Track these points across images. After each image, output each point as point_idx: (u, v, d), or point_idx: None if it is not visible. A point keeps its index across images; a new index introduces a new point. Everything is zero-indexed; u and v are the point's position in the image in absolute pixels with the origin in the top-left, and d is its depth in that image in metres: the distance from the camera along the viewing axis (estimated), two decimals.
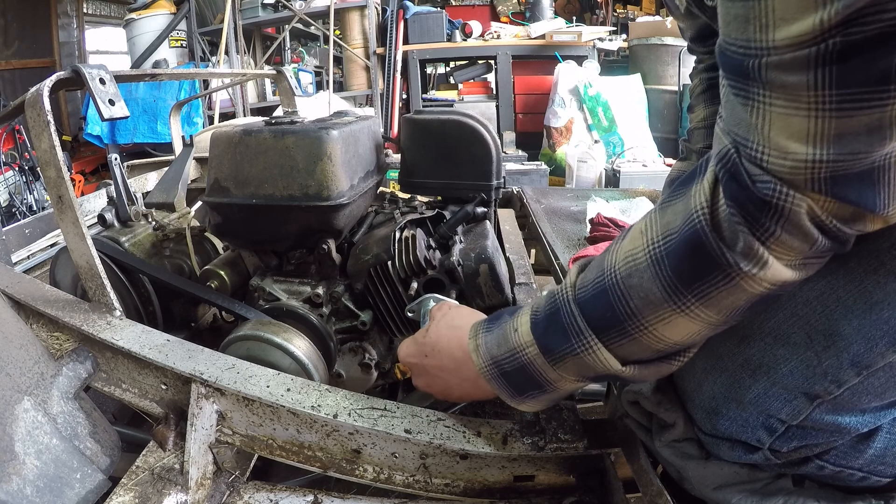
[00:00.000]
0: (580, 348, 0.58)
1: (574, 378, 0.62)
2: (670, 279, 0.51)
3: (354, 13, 4.65)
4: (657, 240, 0.52)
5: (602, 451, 0.76)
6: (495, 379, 0.66)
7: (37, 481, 0.70)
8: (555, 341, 0.60)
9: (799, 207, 0.44)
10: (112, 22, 6.42)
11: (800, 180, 0.43)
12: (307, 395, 0.80)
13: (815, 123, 0.41)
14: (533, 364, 0.62)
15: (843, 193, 0.43)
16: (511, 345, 0.64)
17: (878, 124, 0.40)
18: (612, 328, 0.56)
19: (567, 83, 4.04)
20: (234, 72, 2.81)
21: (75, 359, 0.88)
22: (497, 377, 0.66)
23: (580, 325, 0.58)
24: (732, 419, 0.61)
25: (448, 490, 0.79)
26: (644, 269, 0.53)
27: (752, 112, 0.44)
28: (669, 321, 0.53)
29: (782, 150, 0.43)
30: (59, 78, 0.92)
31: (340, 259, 1.08)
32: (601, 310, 0.56)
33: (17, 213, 4.12)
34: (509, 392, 0.67)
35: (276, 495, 0.78)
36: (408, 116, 1.25)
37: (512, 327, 0.65)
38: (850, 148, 0.41)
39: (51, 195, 0.93)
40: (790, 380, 0.56)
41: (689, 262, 0.50)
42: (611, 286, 0.55)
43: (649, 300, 0.53)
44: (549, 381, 0.63)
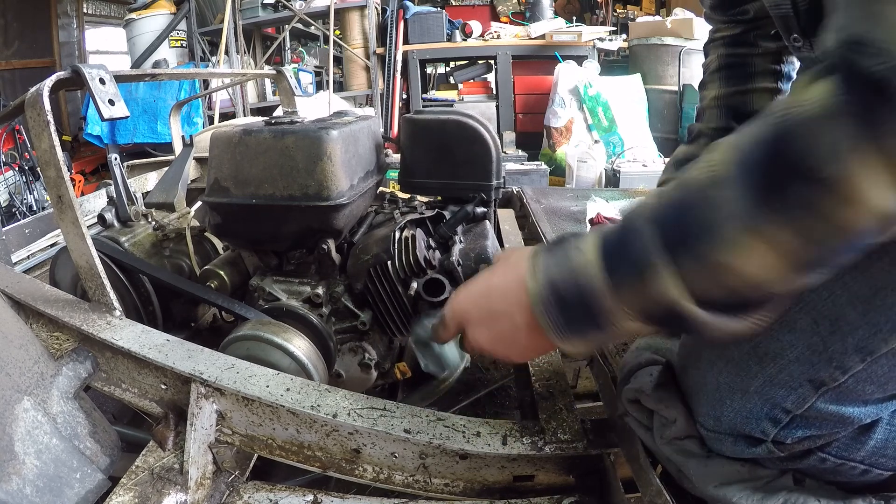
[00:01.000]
0: (648, 269, 0.50)
1: (634, 314, 0.53)
2: (752, 189, 0.44)
3: (354, 13, 4.64)
4: (745, 145, 0.46)
5: (601, 451, 0.77)
6: (547, 305, 0.57)
7: (36, 481, 0.70)
8: (620, 259, 0.52)
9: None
10: (112, 22, 6.42)
11: None
12: (307, 394, 0.80)
13: None
14: (592, 286, 0.54)
15: None
16: (572, 263, 0.55)
17: None
18: (685, 245, 0.49)
19: (567, 83, 4.04)
20: (234, 72, 2.81)
21: (75, 359, 0.88)
22: (549, 304, 0.57)
23: (652, 241, 0.50)
24: (737, 410, 0.60)
25: (447, 490, 0.79)
26: (728, 178, 0.46)
27: None
28: (746, 245, 0.46)
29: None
30: (59, 78, 0.92)
31: (340, 259, 1.08)
32: (675, 223, 0.50)
33: (17, 213, 4.12)
34: (558, 322, 0.57)
35: (275, 495, 0.78)
36: (408, 116, 1.25)
37: (575, 246, 0.57)
38: None
39: (51, 195, 0.93)
40: (796, 366, 0.56)
41: (774, 168, 0.44)
42: (689, 196, 0.49)
43: (728, 212, 0.46)
44: (605, 312, 0.54)
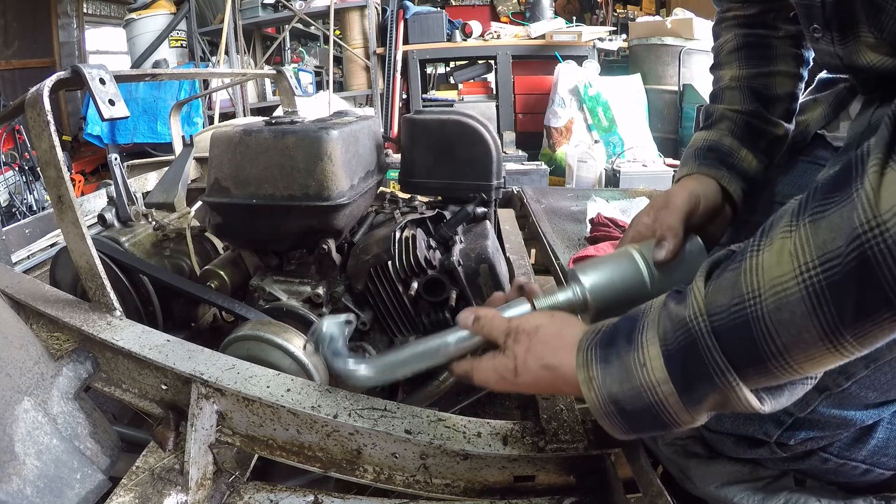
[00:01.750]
0: (724, 387, 0.49)
1: (706, 417, 0.53)
2: (830, 318, 0.43)
3: (354, 13, 4.64)
4: (813, 266, 0.43)
5: (602, 451, 0.76)
6: (610, 417, 0.56)
7: (37, 481, 0.70)
8: (695, 379, 0.50)
9: None
10: (112, 22, 6.42)
11: None
12: (307, 395, 0.80)
13: None
14: (663, 404, 0.52)
15: None
16: (637, 382, 0.53)
17: None
18: (752, 366, 0.48)
19: (567, 83, 4.04)
20: (234, 72, 2.81)
21: (75, 359, 0.88)
22: (612, 415, 0.55)
23: (721, 362, 0.49)
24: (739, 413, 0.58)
25: (448, 490, 0.78)
26: (797, 302, 0.44)
27: None
28: (818, 359, 0.46)
29: None
30: (59, 78, 0.92)
31: (340, 259, 1.08)
32: (741, 344, 0.48)
33: (17, 213, 4.12)
34: (622, 429, 0.57)
35: (276, 495, 0.78)
36: (408, 116, 1.25)
37: (638, 360, 0.53)
38: None
39: (51, 195, 0.93)
40: None
41: (855, 297, 0.41)
42: (755, 319, 0.46)
43: (801, 339, 0.45)
44: (677, 423, 0.53)
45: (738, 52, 0.88)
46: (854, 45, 0.62)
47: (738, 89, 0.86)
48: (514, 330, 0.64)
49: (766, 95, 0.84)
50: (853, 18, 0.60)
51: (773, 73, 0.84)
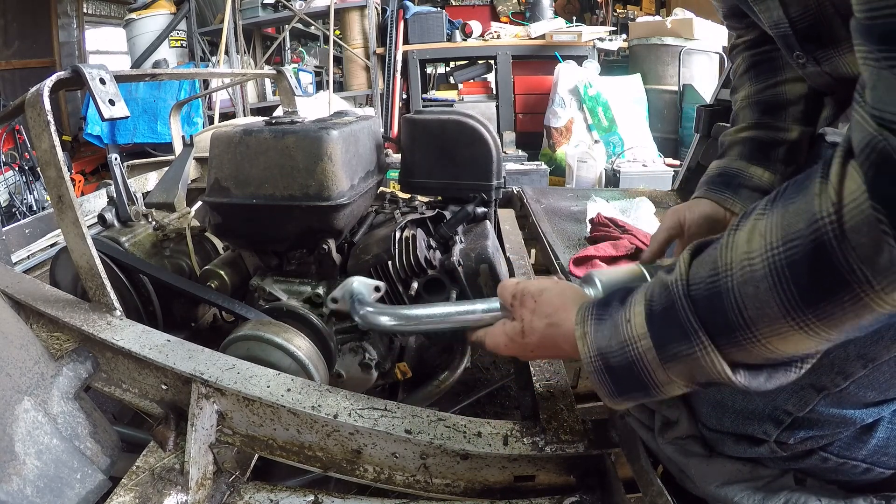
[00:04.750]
0: (696, 348, 0.52)
1: (683, 383, 0.56)
2: (790, 295, 0.46)
3: (354, 13, 4.64)
4: (777, 245, 0.46)
5: (602, 451, 0.77)
6: (598, 373, 0.60)
7: (37, 481, 0.70)
8: (670, 337, 0.54)
9: None
10: (112, 22, 6.42)
11: None
12: (307, 395, 0.80)
13: None
14: (643, 360, 0.56)
15: None
16: (622, 336, 0.57)
17: None
18: (723, 335, 0.51)
19: (567, 83, 4.04)
20: (234, 72, 2.81)
21: (75, 359, 0.88)
22: (600, 371, 0.59)
23: (694, 323, 0.52)
24: (739, 411, 0.61)
25: (448, 490, 0.78)
26: (760, 278, 0.47)
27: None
28: (785, 336, 0.48)
29: None
30: (59, 78, 0.92)
31: (341, 259, 1.08)
32: (713, 313, 0.51)
33: (17, 213, 4.12)
34: (609, 390, 0.60)
35: (276, 495, 0.78)
36: (408, 116, 1.25)
37: (624, 317, 0.58)
38: None
39: (51, 195, 0.93)
40: None
41: (812, 277, 0.44)
42: (725, 290, 0.50)
43: (765, 313, 0.48)
44: (656, 384, 0.57)
45: (748, 72, 0.93)
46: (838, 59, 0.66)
47: (749, 107, 0.92)
48: (520, 292, 0.69)
49: (776, 104, 0.88)
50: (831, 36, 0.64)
51: (781, 81, 0.88)
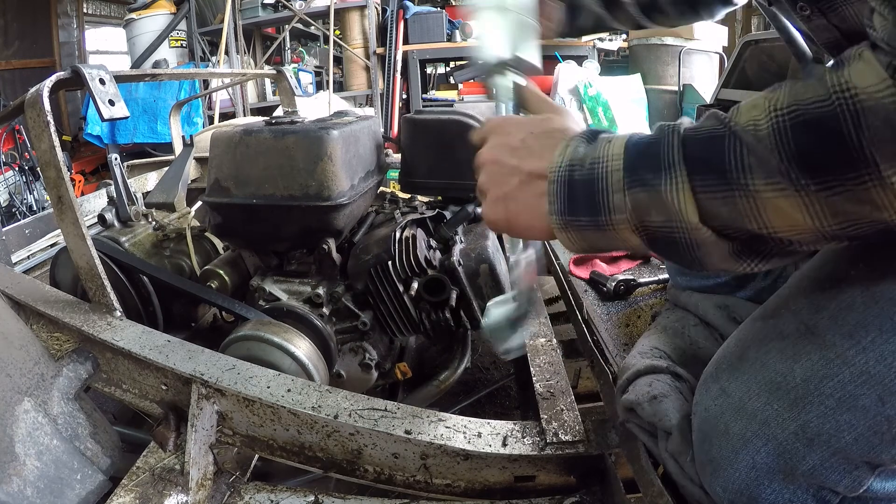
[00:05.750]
0: (663, 183, 0.49)
1: (636, 221, 0.51)
2: (792, 155, 0.43)
3: (354, 13, 4.64)
4: (782, 108, 0.44)
5: (603, 451, 0.76)
6: (558, 184, 0.55)
7: (37, 482, 0.70)
8: (643, 164, 0.51)
9: None
10: (112, 22, 6.42)
11: None
12: (308, 395, 0.80)
13: None
14: (606, 179, 0.52)
15: None
16: (598, 153, 0.54)
17: None
18: (713, 173, 0.47)
19: (567, 83, 4.04)
20: (234, 72, 2.81)
21: (75, 359, 0.88)
22: (562, 182, 0.55)
23: (675, 157, 0.49)
24: (777, 492, 0.54)
25: (449, 490, 0.78)
26: (764, 136, 0.44)
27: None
28: (779, 197, 0.44)
29: None
30: (59, 78, 0.92)
31: (341, 259, 1.08)
32: (708, 152, 0.48)
33: (17, 213, 4.12)
34: (559, 206, 0.55)
35: (276, 496, 0.78)
36: (408, 116, 1.25)
37: (607, 139, 0.55)
38: None
39: (51, 195, 0.93)
40: (853, 449, 0.49)
41: (816, 145, 0.42)
42: (730, 135, 0.46)
43: (767, 165, 0.44)
44: (608, 208, 0.52)
45: None
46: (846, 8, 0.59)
47: None
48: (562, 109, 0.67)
49: None
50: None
51: None
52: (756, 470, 0.54)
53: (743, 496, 0.55)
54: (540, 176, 0.57)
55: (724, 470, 0.56)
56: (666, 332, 0.88)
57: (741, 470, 0.55)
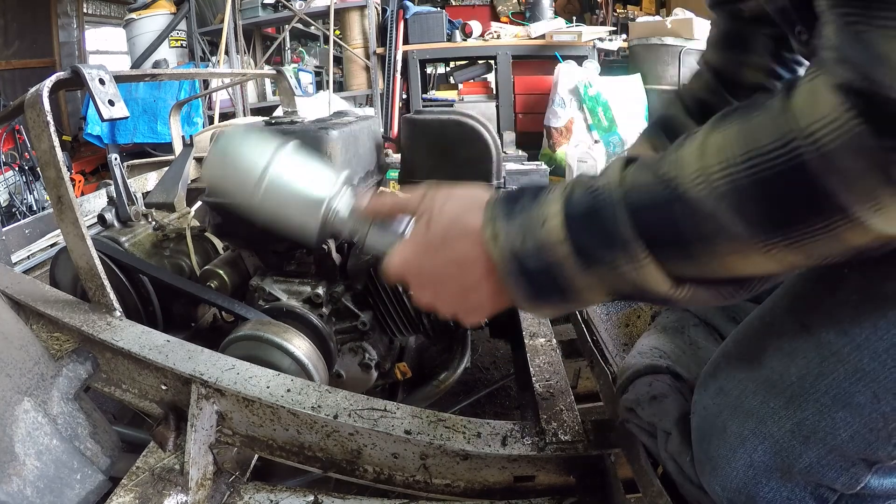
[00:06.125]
0: (623, 260, 0.47)
1: (604, 292, 0.51)
2: (756, 217, 0.42)
3: (354, 13, 4.64)
4: (739, 161, 0.41)
5: (602, 451, 0.76)
6: (513, 276, 0.53)
7: (37, 482, 0.70)
8: (593, 245, 0.49)
9: None
10: (112, 22, 6.42)
11: None
12: (307, 395, 0.80)
13: None
14: (561, 266, 0.50)
15: None
16: (537, 239, 0.51)
17: None
18: (673, 245, 0.46)
19: (567, 83, 4.04)
20: (234, 72, 2.81)
21: (75, 359, 0.88)
22: (516, 274, 0.53)
23: (628, 232, 0.46)
24: (775, 491, 0.53)
25: (448, 490, 0.78)
26: (722, 195, 0.42)
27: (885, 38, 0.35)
28: (747, 256, 0.44)
29: None
30: (58, 78, 0.92)
31: (340, 259, 1.08)
32: (660, 221, 0.46)
33: (17, 213, 4.11)
34: (526, 293, 0.54)
35: (276, 496, 0.78)
36: (408, 116, 1.25)
37: (539, 218, 0.51)
38: None
39: (51, 195, 0.93)
40: (850, 446, 0.49)
41: (783, 200, 0.41)
42: (677, 199, 0.44)
43: (727, 231, 0.43)
44: (574, 290, 0.51)
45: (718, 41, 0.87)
46: None
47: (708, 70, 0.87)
48: (433, 188, 0.62)
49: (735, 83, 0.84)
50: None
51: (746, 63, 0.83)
52: (753, 468, 0.54)
53: (741, 495, 0.55)
54: (484, 276, 0.55)
55: (722, 468, 0.56)
56: (666, 332, 0.88)
57: (739, 468, 0.54)
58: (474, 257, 0.55)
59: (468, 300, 0.58)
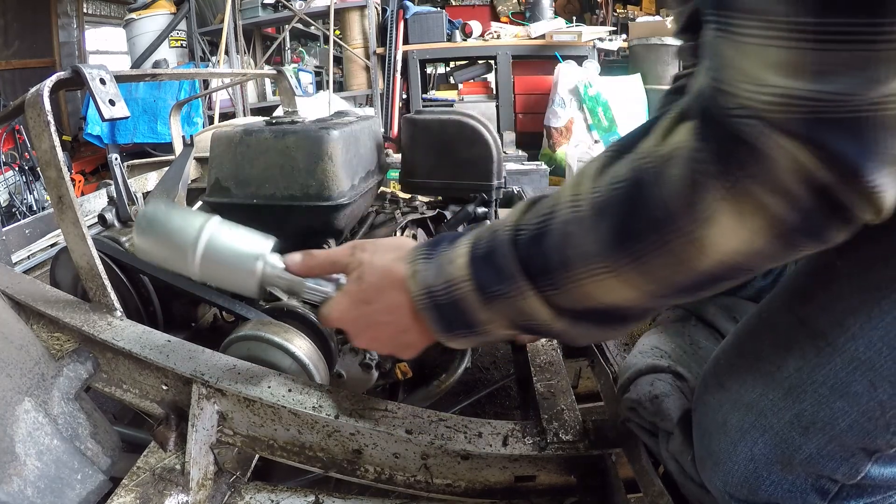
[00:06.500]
0: (512, 292, 0.53)
1: (506, 324, 0.57)
2: (605, 232, 0.46)
3: (354, 13, 4.64)
4: (605, 184, 0.47)
5: (603, 451, 0.76)
6: (428, 310, 0.60)
7: (38, 482, 0.70)
8: (489, 281, 0.55)
9: (775, 149, 0.38)
10: (112, 22, 6.42)
11: (776, 117, 0.38)
12: (308, 395, 0.80)
13: (794, 55, 0.36)
14: (465, 301, 0.56)
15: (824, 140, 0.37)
16: (446, 276, 0.57)
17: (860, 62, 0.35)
18: (544, 274, 0.51)
19: (567, 83, 4.04)
20: (234, 72, 2.81)
21: (76, 359, 0.87)
22: (429, 308, 0.59)
23: (513, 268, 0.53)
24: (776, 483, 0.54)
25: (449, 490, 0.78)
26: (584, 216, 0.48)
27: (728, 43, 0.39)
28: (600, 281, 0.48)
29: (756, 79, 0.38)
30: (59, 78, 0.92)
31: None
32: (535, 254, 0.52)
33: (17, 213, 4.11)
34: (441, 326, 0.60)
35: (277, 496, 0.78)
36: (408, 116, 1.25)
37: (448, 258, 0.58)
38: (834, 87, 0.36)
39: (51, 195, 0.93)
40: (848, 435, 0.50)
41: (626, 214, 0.45)
42: (550, 230, 0.51)
43: (582, 252, 0.48)
44: (479, 322, 0.57)
45: None
46: None
47: None
48: (358, 243, 0.67)
49: None
50: None
51: None
52: (755, 461, 0.54)
53: (743, 488, 0.55)
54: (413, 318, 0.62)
55: (723, 463, 0.56)
56: (666, 331, 0.88)
57: (740, 462, 0.55)
58: (402, 303, 0.61)
59: (401, 340, 0.65)
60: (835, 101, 0.36)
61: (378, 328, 0.65)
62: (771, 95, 0.37)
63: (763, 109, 0.38)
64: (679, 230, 0.42)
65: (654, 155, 0.44)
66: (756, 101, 0.38)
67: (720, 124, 0.40)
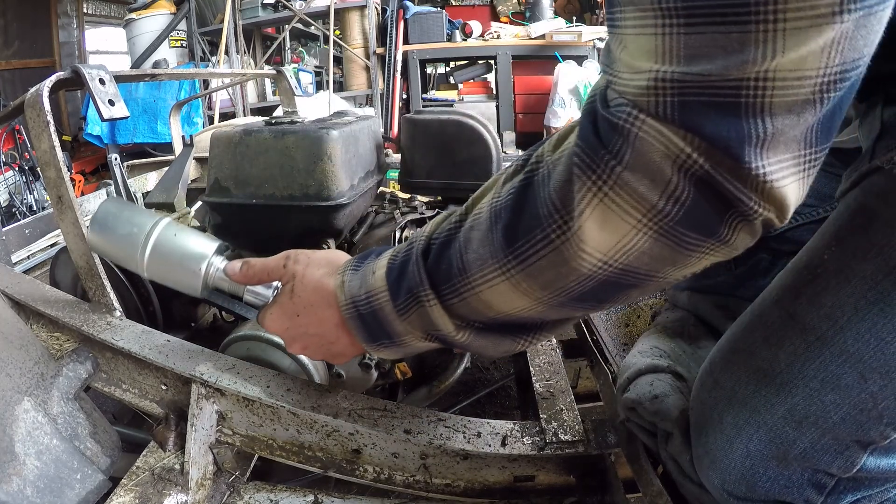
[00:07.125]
0: (421, 303, 0.54)
1: (421, 335, 0.57)
2: (498, 234, 0.47)
3: (354, 13, 4.64)
4: (506, 191, 0.48)
5: (602, 451, 0.76)
6: (353, 319, 0.61)
7: (37, 482, 0.70)
8: (401, 291, 0.56)
9: (647, 134, 0.37)
10: (112, 22, 6.42)
11: (647, 101, 0.37)
12: (307, 395, 0.80)
13: (663, 40, 0.36)
14: (383, 311, 0.58)
15: (696, 123, 0.36)
16: (368, 287, 0.59)
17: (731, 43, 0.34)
18: (445, 283, 0.52)
19: (567, 83, 4.04)
20: (234, 72, 2.81)
21: (75, 359, 0.87)
22: (354, 318, 0.61)
23: (421, 276, 0.54)
24: (773, 479, 0.54)
25: (448, 490, 0.78)
26: (483, 221, 0.49)
27: (614, 39, 0.40)
28: (494, 286, 0.48)
29: (631, 67, 0.38)
30: (59, 78, 0.92)
31: None
32: (439, 262, 0.53)
33: (17, 213, 4.12)
34: (364, 336, 0.62)
35: (276, 495, 0.78)
36: (408, 116, 1.25)
37: (371, 269, 0.60)
38: (705, 68, 0.34)
39: (51, 195, 0.93)
40: (842, 428, 0.50)
41: (516, 214, 0.46)
42: (455, 238, 0.52)
43: (478, 256, 0.49)
44: (397, 333, 0.58)
45: None
46: None
47: None
48: (293, 254, 0.68)
49: None
50: None
51: None
52: (751, 458, 0.54)
53: (741, 485, 0.55)
54: (342, 329, 0.64)
55: (720, 460, 0.56)
56: (666, 331, 0.88)
57: (736, 459, 0.55)
58: (330, 317, 0.63)
59: (332, 349, 0.67)
60: (707, 83, 0.35)
61: (308, 339, 0.67)
62: (644, 80, 0.37)
63: (636, 94, 0.37)
64: (559, 227, 0.42)
65: (548, 159, 0.45)
66: (630, 88, 0.38)
67: (602, 118, 0.39)
